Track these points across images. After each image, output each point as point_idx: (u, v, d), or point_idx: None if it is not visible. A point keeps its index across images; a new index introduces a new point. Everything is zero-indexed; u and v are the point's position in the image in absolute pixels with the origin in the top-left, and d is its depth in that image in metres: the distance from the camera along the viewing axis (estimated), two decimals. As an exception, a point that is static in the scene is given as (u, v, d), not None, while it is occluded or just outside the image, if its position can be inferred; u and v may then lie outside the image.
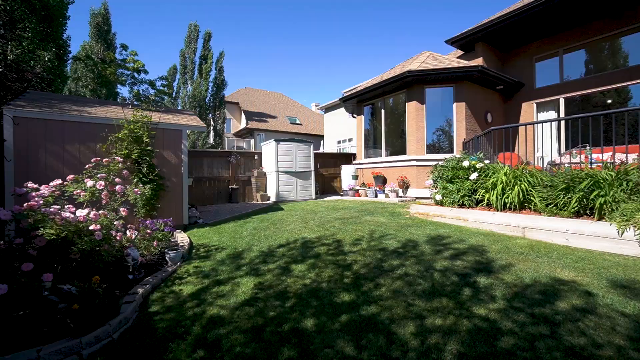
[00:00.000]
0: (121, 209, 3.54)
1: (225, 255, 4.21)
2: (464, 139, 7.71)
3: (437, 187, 5.63)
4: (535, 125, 7.38)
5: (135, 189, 4.29)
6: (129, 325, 2.50)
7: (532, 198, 4.28)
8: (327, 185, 12.42)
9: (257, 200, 10.11)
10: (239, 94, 29.52)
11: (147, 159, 5.31)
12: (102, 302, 2.44)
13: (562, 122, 8.09)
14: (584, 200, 3.76)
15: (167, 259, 3.99)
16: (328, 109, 22.07)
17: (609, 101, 8.39)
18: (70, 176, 3.58)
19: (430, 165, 6.22)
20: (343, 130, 20.45)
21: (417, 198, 7.98)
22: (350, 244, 4.13)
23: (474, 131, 8.23)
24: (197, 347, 2.20)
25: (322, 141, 26.23)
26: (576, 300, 2.43)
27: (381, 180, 9.14)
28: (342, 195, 10.40)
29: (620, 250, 3.29)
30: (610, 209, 3.54)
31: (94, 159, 3.98)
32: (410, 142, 8.63)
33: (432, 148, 8.74)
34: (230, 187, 10.23)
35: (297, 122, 29.12)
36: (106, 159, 4.03)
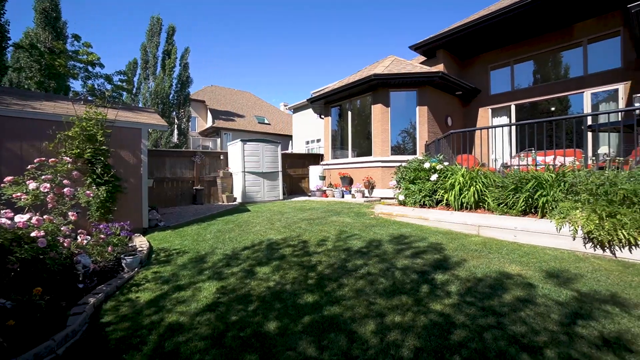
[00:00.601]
0: (70, 213, 3.28)
1: (187, 260, 4.07)
2: (426, 142, 8.07)
3: (400, 187, 5.84)
4: (490, 129, 7.90)
5: (88, 191, 4.00)
6: (76, 338, 2.33)
7: (486, 198, 4.58)
8: (295, 185, 12.40)
9: (223, 202, 9.86)
10: (205, 92, 28.58)
11: (102, 159, 4.98)
12: (45, 315, 2.25)
13: (513, 127, 8.74)
14: (530, 199, 4.10)
15: (123, 265, 3.77)
16: (297, 109, 22.03)
17: (553, 108, 9.19)
18: (9, 177, 3.26)
19: (394, 167, 6.44)
20: (312, 131, 20.52)
21: (382, 198, 8.21)
22: (316, 245, 4.17)
23: (435, 134, 8.64)
24: (153, 358, 2.11)
25: (290, 141, 26.13)
26: (520, 292, 2.64)
27: (348, 181, 9.29)
28: (309, 196, 10.44)
29: (559, 244, 3.62)
30: (550, 208, 3.89)
31: (38, 159, 3.66)
32: (375, 144, 8.86)
33: (396, 149, 9.04)
34: (194, 188, 9.87)
35: (266, 121, 28.78)
36: (52, 159, 3.72)
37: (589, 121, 6.08)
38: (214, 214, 7.38)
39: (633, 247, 3.16)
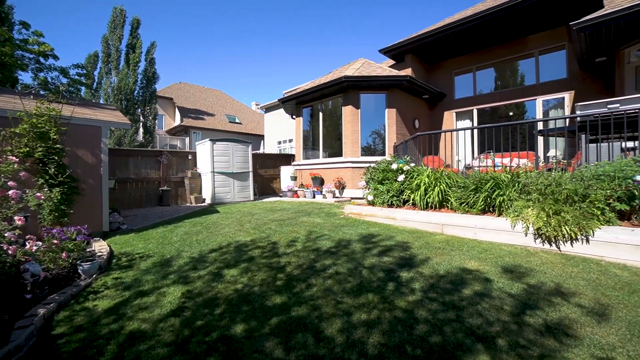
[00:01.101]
0: (16, 218, 3.03)
1: (151, 264, 3.90)
2: (395, 143, 8.32)
3: (369, 188, 5.98)
4: (454, 132, 8.32)
5: (38, 194, 3.72)
6: (21, 354, 2.16)
7: (449, 198, 4.82)
8: (266, 186, 12.27)
9: (191, 203, 9.55)
10: (173, 89, 27.49)
11: (56, 158, 4.64)
12: (-13, 329, 2.07)
13: (475, 130, 9.25)
14: (488, 199, 4.36)
15: (79, 271, 3.55)
16: (269, 108, 21.81)
17: (511, 113, 9.83)
18: (-56, 179, 2.96)
19: (364, 167, 6.59)
20: (284, 131, 20.40)
21: (352, 198, 8.36)
22: (285, 246, 4.16)
23: (403, 135, 8.93)
24: (110, 368, 2.01)
25: (262, 141, 25.81)
26: (477, 286, 2.81)
27: (319, 181, 9.36)
28: (281, 196, 10.38)
29: (513, 241, 3.90)
30: (506, 207, 4.16)
31: (-21, 158, 3.35)
32: (346, 145, 9.00)
33: (366, 150, 9.23)
34: (160, 189, 9.47)
35: (237, 121, 28.21)
36: (-4, 159, 3.42)
37: (540, 126, 6.58)
38: (181, 215, 7.13)
39: (574, 241, 3.47)
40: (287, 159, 13.00)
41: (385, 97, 9.01)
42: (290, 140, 19.76)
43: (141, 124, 19.88)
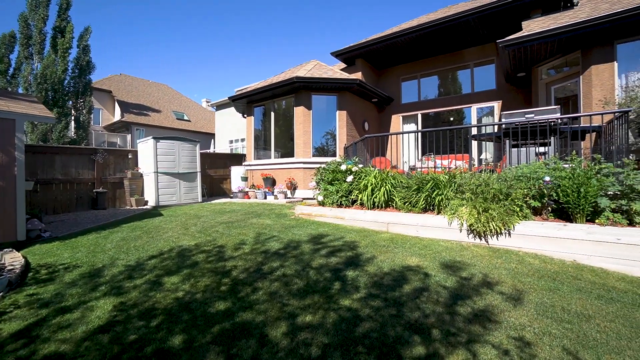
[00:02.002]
0: None
1: (78, 275, 3.51)
2: (345, 144, 8.53)
3: (319, 188, 6.05)
4: (400, 135, 8.77)
5: None
6: None
7: (394, 197, 5.06)
8: (216, 187, 11.79)
9: (132, 206, 8.80)
10: (113, 81, 25.10)
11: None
12: None
13: (419, 134, 9.87)
14: (429, 198, 4.67)
15: (-17, 288, 3.06)
16: (220, 106, 20.99)
17: (452, 119, 10.67)
18: None
19: (316, 168, 6.66)
20: (236, 130, 19.79)
21: (304, 199, 8.39)
22: (232, 249, 4.03)
23: (353, 137, 9.19)
24: (18, 399, 1.75)
25: (212, 140, 24.77)
26: (417, 281, 2.99)
27: (270, 182, 9.24)
28: (231, 198, 10.05)
29: (450, 237, 4.22)
30: (444, 205, 4.49)
31: None
32: (298, 145, 9.01)
33: (319, 151, 9.34)
34: (95, 190, 8.58)
35: (185, 118, 26.70)
36: None
37: (474, 131, 7.25)
38: (118, 220, 6.53)
39: (499, 235, 3.87)
40: (239, 159, 12.62)
41: (337, 99, 9.20)
42: (243, 140, 19.23)
43: (73, 118, 17.79)
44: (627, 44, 5.75)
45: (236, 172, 10.61)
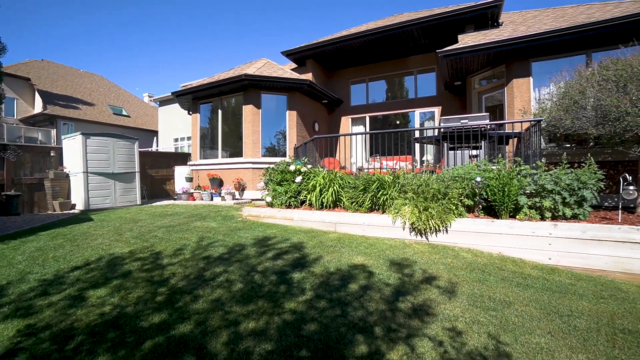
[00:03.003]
0: None
1: (-26, 295, 2.96)
2: (295, 145, 8.49)
3: (268, 189, 5.93)
4: (349, 136, 9.02)
5: None
6: None
7: (342, 197, 5.14)
8: (158, 188, 10.93)
9: (55, 210, 7.74)
10: (32, 67, 21.91)
11: None
12: None
13: (367, 136, 10.22)
14: (374, 198, 4.83)
15: None
16: (164, 102, 19.56)
17: (398, 122, 11.21)
18: None
19: (265, 168, 6.52)
20: (181, 127, 18.60)
21: (252, 200, 8.17)
22: (172, 255, 3.74)
23: (304, 137, 9.19)
24: None
25: (155, 138, 23.00)
26: (362, 280, 3.06)
27: (217, 183, 8.83)
28: (175, 199, 9.40)
29: (394, 235, 4.41)
30: (389, 205, 4.68)
31: None
32: (246, 145, 8.75)
33: (270, 151, 9.17)
34: (4, 193, 7.37)
35: (124, 113, 24.37)
36: None
37: (417, 134, 7.71)
38: (35, 227, 5.69)
39: (438, 232, 4.14)
40: (183, 158, 11.86)
41: (287, 99, 9.11)
42: (189, 138, 18.14)
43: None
44: (539, 62, 6.58)
45: (180, 172, 9.94)
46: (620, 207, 4.41)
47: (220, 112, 9.64)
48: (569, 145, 6.23)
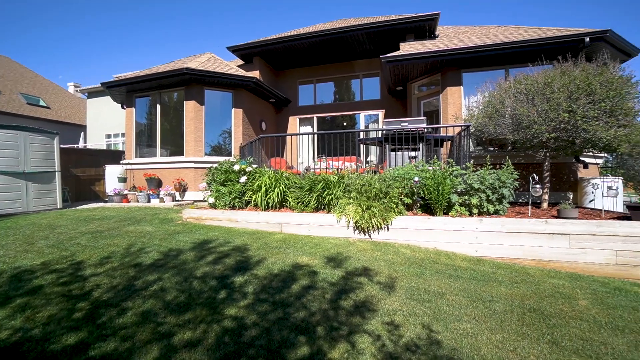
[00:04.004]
0: None
1: None
2: (241, 144, 8.23)
3: (211, 190, 5.64)
4: (296, 136, 9.02)
5: None
6: None
7: (288, 198, 5.10)
8: (85, 189, 9.77)
9: (-58, 217, 6.44)
10: None
11: None
12: None
13: (315, 136, 10.32)
14: (320, 198, 4.87)
15: None
16: (93, 93, 17.56)
17: (345, 123, 11.50)
18: None
19: (208, 168, 6.19)
20: (116, 123, 16.86)
21: (195, 201, 7.72)
22: (96, 265, 3.34)
23: (250, 136, 8.95)
24: None
25: (83, 133, 20.52)
26: (305, 280, 3.05)
27: (155, 183, 8.17)
28: (106, 202, 8.47)
29: (339, 234, 4.50)
30: (334, 204, 4.76)
31: None
32: (188, 143, 8.23)
33: (214, 150, 8.75)
34: None
35: (42, 104, 21.25)
36: None
37: (363, 135, 8.00)
38: None
39: (380, 230, 4.32)
40: (116, 156, 10.77)
41: (232, 96, 8.79)
42: (124, 135, 16.50)
43: None
44: (469, 73, 7.29)
45: (112, 171, 8.98)
46: (530, 203, 5.05)
47: (159, 107, 8.93)
48: (492, 149, 6.98)
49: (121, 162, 9.56)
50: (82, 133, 20.72)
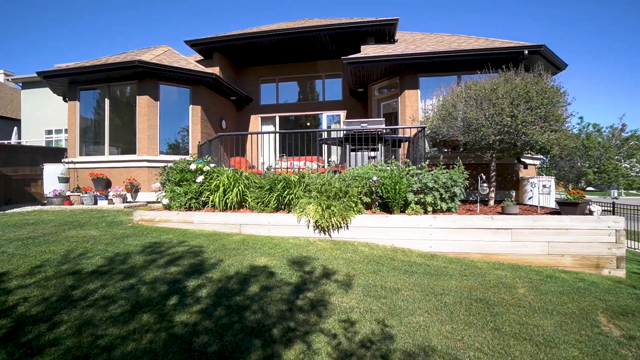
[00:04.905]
0: None
1: None
2: (199, 142, 7.89)
3: (165, 190, 5.33)
4: (258, 135, 8.85)
5: None
6: None
7: (247, 198, 4.97)
8: (19, 191, 8.75)
9: None
10: None
11: None
12: None
13: (278, 136, 10.21)
14: (280, 197, 4.81)
15: None
16: (30, 84, 15.83)
17: (309, 123, 11.50)
18: None
19: (163, 167, 5.83)
20: (58, 117, 15.33)
21: (148, 202, 7.26)
22: (25, 275, 2.98)
23: (209, 135, 8.61)
24: None
25: (16, 128, 18.37)
26: (263, 282, 2.98)
27: (104, 184, 7.55)
28: (44, 204, 7.65)
29: (299, 233, 4.47)
30: (295, 204, 4.73)
31: None
32: (141, 140, 7.72)
33: (172, 148, 8.29)
34: None
35: (-38, 93, 18.70)
36: None
37: (324, 135, 8.05)
38: None
39: (340, 229, 4.37)
40: (57, 154, 9.77)
41: (190, 92, 8.39)
42: (67, 131, 15.07)
43: None
44: (425, 77, 7.65)
45: (52, 171, 8.13)
46: (478, 200, 5.41)
47: (108, 101, 8.27)
48: (446, 150, 7.38)
49: (63, 160, 8.70)
50: (16, 128, 18.56)
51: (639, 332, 2.53)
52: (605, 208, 8.40)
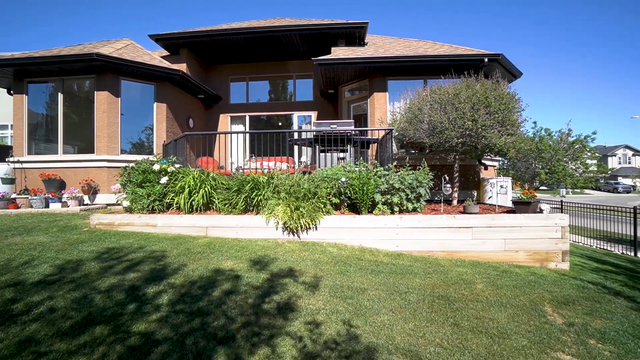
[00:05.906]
0: None
1: None
2: (164, 142, 7.55)
3: (127, 192, 5.04)
4: (227, 135, 8.63)
5: None
6: None
7: (214, 199, 4.83)
8: (-46, 193, 7.87)
9: None
10: None
11: None
12: None
13: (248, 136, 10.02)
14: (248, 199, 4.73)
15: None
16: (-34, 74, 14.24)
17: (280, 123, 11.39)
18: None
19: (124, 167, 5.51)
20: (4, 111, 14.00)
21: (108, 205, 6.83)
22: (-41, 288, 2.70)
23: (175, 134, 8.27)
24: None
25: (-47, 123, 16.54)
26: (227, 286, 2.91)
27: (57, 185, 7.00)
28: (-15, 208, 6.96)
29: (268, 235, 4.41)
30: (263, 205, 4.66)
31: None
32: (100, 139, 7.25)
33: (132, 148, 7.86)
34: None
35: None
36: None
37: (295, 136, 8.02)
38: None
39: (308, 230, 4.37)
40: (2, 152, 8.95)
41: (155, 89, 8.01)
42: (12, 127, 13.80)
43: None
44: (393, 81, 7.87)
45: (-6, 171, 7.43)
46: (442, 200, 5.64)
47: (61, 95, 7.68)
48: (413, 151, 7.63)
49: (8, 159, 7.96)
50: (-46, 123, 16.71)
51: (577, 319, 2.77)
52: (554, 206, 9.11)
